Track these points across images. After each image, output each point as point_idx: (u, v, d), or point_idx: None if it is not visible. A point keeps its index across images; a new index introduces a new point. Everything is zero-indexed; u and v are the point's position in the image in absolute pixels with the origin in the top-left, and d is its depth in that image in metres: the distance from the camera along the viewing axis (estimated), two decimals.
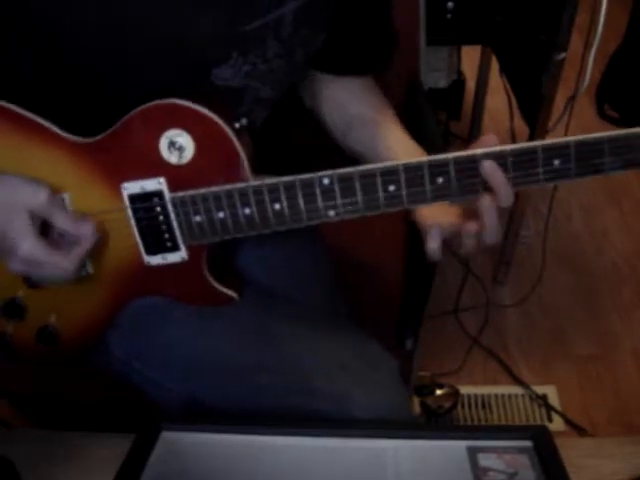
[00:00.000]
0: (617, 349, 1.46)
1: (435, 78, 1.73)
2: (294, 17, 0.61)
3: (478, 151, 0.55)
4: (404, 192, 0.56)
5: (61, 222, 0.57)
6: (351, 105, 0.74)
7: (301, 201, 0.58)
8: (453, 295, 1.55)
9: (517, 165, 0.55)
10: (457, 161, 0.55)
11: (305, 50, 0.65)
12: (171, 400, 0.68)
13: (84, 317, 0.67)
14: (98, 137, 0.59)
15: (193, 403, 0.67)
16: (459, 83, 1.85)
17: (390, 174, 0.56)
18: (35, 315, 0.66)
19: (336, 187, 0.57)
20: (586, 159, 0.54)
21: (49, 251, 0.56)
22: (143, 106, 0.57)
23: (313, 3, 0.62)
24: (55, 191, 0.59)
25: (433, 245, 0.58)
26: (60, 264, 0.57)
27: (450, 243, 0.59)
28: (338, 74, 0.74)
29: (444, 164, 0.55)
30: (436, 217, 0.61)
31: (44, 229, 0.58)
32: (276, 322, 0.70)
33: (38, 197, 0.56)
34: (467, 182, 0.56)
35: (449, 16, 1.15)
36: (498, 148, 0.55)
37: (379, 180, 0.56)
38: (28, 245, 0.55)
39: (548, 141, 0.54)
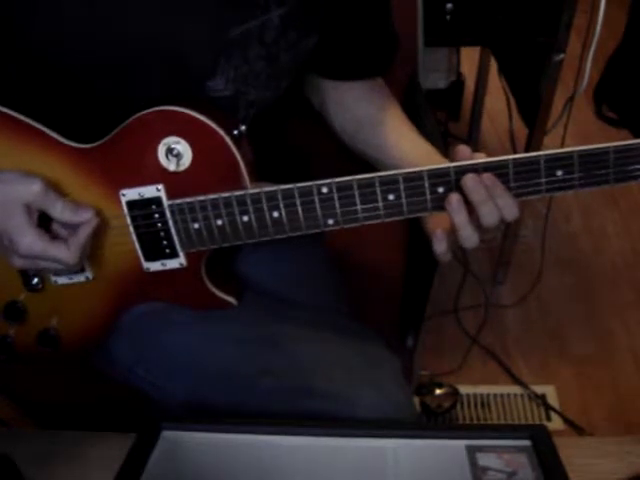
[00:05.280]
0: (615, 349, 1.47)
1: (434, 79, 1.73)
2: (280, 22, 0.61)
3: (480, 161, 0.54)
4: (404, 201, 0.56)
5: (58, 212, 0.57)
6: (357, 107, 0.74)
7: (300, 209, 0.58)
8: (452, 295, 1.56)
9: (519, 175, 0.54)
10: (458, 171, 0.55)
11: (292, 54, 0.64)
12: (175, 404, 0.69)
13: (85, 321, 0.67)
14: (97, 143, 0.60)
15: (197, 407, 0.67)
16: (458, 84, 1.86)
17: (389, 183, 0.56)
18: (36, 318, 0.66)
19: (335, 196, 0.57)
20: (590, 170, 0.53)
21: (49, 243, 0.56)
22: (141, 113, 0.57)
23: (300, 8, 0.62)
24: None
25: (440, 248, 0.57)
26: (61, 255, 0.56)
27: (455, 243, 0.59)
28: (342, 80, 0.74)
29: (445, 174, 0.55)
30: (439, 221, 0.61)
31: (44, 221, 0.58)
32: (279, 324, 0.70)
33: (32, 190, 0.55)
34: None
35: (448, 17, 1.15)
36: (500, 158, 0.54)
37: (378, 189, 0.56)
38: (27, 240, 0.55)
39: (551, 151, 0.53)
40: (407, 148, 0.68)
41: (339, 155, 0.77)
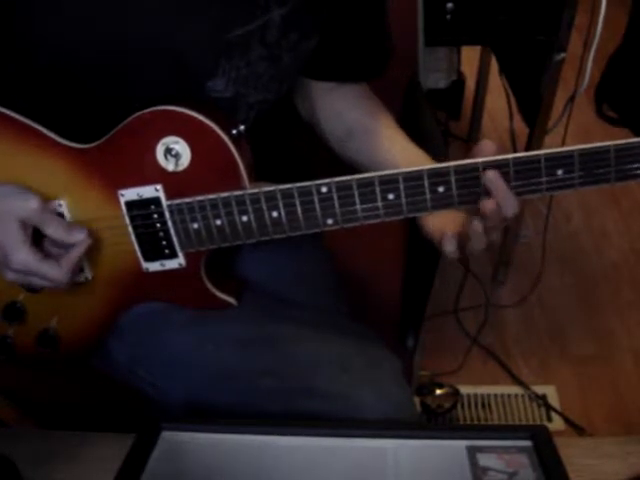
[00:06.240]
0: (616, 349, 1.47)
1: (435, 79, 1.73)
2: (281, 22, 0.61)
3: (480, 160, 0.54)
4: (403, 201, 0.56)
5: (52, 230, 0.57)
6: (349, 114, 0.73)
7: (299, 209, 0.57)
8: (453, 295, 1.55)
9: (519, 174, 0.54)
10: (458, 170, 0.54)
11: (294, 55, 0.64)
12: (175, 404, 0.69)
13: (84, 321, 0.67)
14: (95, 143, 0.60)
15: (197, 407, 0.67)
16: (459, 83, 1.85)
17: (389, 183, 0.55)
18: (35, 319, 0.66)
19: (334, 195, 0.56)
20: (590, 169, 0.53)
21: (41, 261, 0.56)
22: (140, 112, 0.57)
23: (301, 8, 0.61)
24: (52, 197, 0.59)
25: (450, 248, 0.58)
26: (52, 273, 0.57)
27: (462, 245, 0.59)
28: (335, 81, 0.73)
29: (445, 173, 0.55)
30: (439, 221, 0.61)
31: (38, 237, 0.58)
32: (278, 324, 0.70)
33: (29, 206, 0.56)
34: (468, 191, 0.55)
35: (448, 17, 1.15)
36: (500, 157, 0.54)
37: (378, 189, 0.56)
38: (21, 256, 0.56)
39: (551, 150, 0.53)
40: (399, 156, 0.68)
41: (340, 165, 0.76)
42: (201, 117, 0.57)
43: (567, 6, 1.12)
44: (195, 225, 0.60)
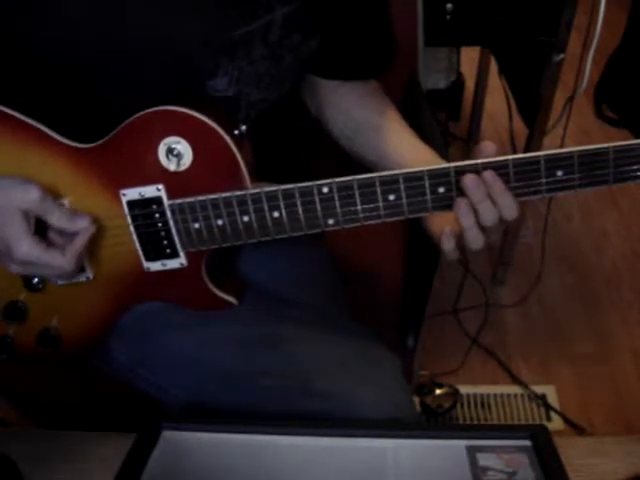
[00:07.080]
0: (616, 349, 1.47)
1: (435, 79, 1.73)
2: (284, 22, 0.61)
3: (480, 161, 0.54)
4: (404, 201, 0.56)
5: (55, 218, 0.57)
6: (356, 110, 0.73)
7: (300, 209, 0.58)
8: (452, 295, 1.56)
9: (519, 176, 0.54)
10: (458, 171, 0.55)
11: (295, 55, 0.65)
12: (175, 404, 0.69)
13: (85, 321, 0.67)
14: (97, 143, 0.60)
15: (198, 407, 0.67)
16: (458, 84, 1.86)
17: (390, 183, 0.56)
18: (36, 318, 0.66)
19: (335, 196, 0.56)
20: (590, 170, 0.53)
21: (45, 251, 0.56)
22: (142, 112, 0.57)
23: (304, 8, 0.62)
24: (53, 197, 0.59)
25: (448, 246, 0.58)
26: (57, 262, 0.57)
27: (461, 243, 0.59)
28: (341, 79, 0.73)
29: (445, 174, 0.55)
30: (442, 220, 0.61)
31: (41, 228, 0.58)
32: (279, 325, 0.70)
33: (30, 196, 0.56)
34: None
35: (448, 17, 1.15)
36: (500, 158, 0.54)
37: (379, 189, 0.56)
38: (24, 247, 0.56)
39: (551, 151, 0.53)
40: (407, 152, 0.68)
41: (340, 155, 0.77)
42: (203, 117, 0.57)
43: (566, 6, 1.12)
44: (196, 225, 0.60)
